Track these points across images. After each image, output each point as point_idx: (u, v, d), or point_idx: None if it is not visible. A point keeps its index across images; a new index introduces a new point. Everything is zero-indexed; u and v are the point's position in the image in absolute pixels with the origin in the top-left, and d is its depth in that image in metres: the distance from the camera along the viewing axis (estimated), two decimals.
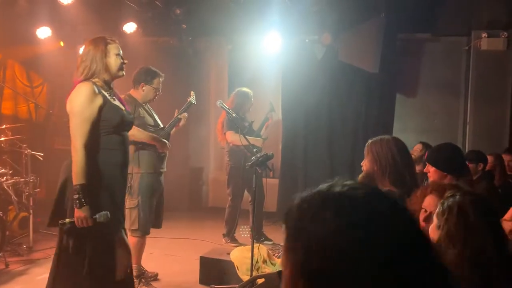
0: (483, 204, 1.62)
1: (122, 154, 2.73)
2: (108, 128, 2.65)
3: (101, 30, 6.14)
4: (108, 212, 2.58)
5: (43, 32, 5.89)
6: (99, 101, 2.61)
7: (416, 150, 4.71)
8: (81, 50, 6.64)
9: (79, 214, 2.49)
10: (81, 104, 2.58)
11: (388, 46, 5.75)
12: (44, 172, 5.46)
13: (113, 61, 2.71)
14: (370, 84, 5.97)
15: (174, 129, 4.13)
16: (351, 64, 5.81)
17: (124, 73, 2.82)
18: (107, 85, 2.74)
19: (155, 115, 4.09)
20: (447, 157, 2.76)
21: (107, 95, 2.67)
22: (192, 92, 4.33)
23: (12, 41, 5.93)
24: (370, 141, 2.67)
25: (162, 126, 4.06)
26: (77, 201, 2.48)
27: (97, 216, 2.53)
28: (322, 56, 6.19)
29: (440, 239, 1.61)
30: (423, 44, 6.42)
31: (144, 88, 3.92)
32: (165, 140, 3.89)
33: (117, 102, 2.77)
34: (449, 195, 1.66)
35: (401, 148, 2.62)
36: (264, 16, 5.87)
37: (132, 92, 3.95)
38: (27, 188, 4.79)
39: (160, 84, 4.00)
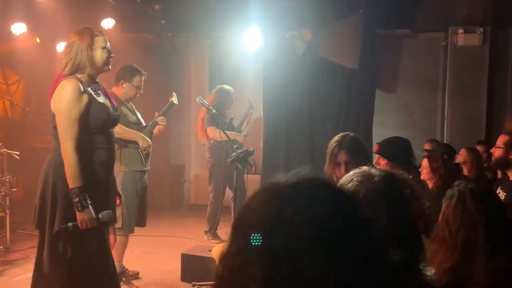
0: (481, 193, 1.82)
1: (109, 152, 2.67)
2: (94, 127, 2.56)
3: (78, 25, 6.02)
4: (111, 211, 2.54)
5: (18, 28, 5.75)
6: (85, 99, 2.51)
7: None
8: (58, 46, 6.56)
9: (83, 216, 2.42)
10: (67, 103, 2.47)
11: (367, 42, 5.80)
12: (21, 171, 5.34)
13: (99, 55, 2.59)
14: (350, 79, 6.02)
15: (156, 129, 4.07)
16: (331, 60, 5.85)
17: (110, 67, 2.71)
18: (92, 80, 2.63)
19: (137, 113, 4.04)
20: (398, 149, 2.82)
21: (92, 92, 2.57)
22: (174, 93, 4.28)
23: None
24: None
25: (144, 124, 4.02)
26: (78, 204, 2.41)
27: (100, 216, 2.48)
28: (302, 52, 6.21)
29: (439, 226, 1.78)
30: (402, 40, 6.51)
31: (124, 85, 3.86)
32: (147, 138, 3.84)
33: (101, 98, 2.67)
34: (455, 185, 1.87)
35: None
36: (244, 12, 5.84)
37: (114, 89, 3.88)
38: (3, 187, 4.69)
39: (142, 82, 3.93)
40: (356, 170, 1.24)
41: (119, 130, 3.67)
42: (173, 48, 6.75)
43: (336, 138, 2.65)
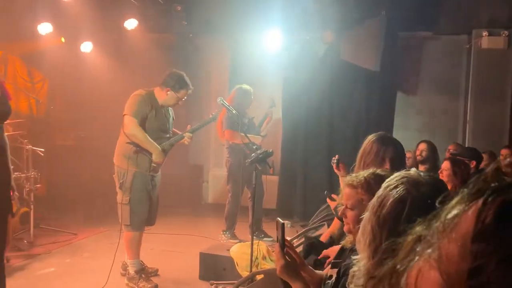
0: None
1: None
2: None
3: (102, 26, 6.16)
4: None
5: (44, 28, 5.88)
6: None
7: (422, 149, 4.70)
8: (82, 46, 6.69)
9: None
10: None
11: (389, 45, 5.76)
12: (44, 167, 5.47)
13: None
14: (371, 82, 5.98)
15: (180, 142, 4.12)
16: (352, 62, 5.82)
17: None
18: None
19: (170, 121, 4.06)
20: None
21: None
22: (213, 113, 4.34)
23: (14, 37, 5.93)
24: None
25: (170, 135, 4.04)
26: None
27: None
28: (323, 54, 6.19)
29: None
30: (424, 42, 6.44)
31: (168, 93, 3.88)
32: (162, 153, 3.86)
33: None
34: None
35: None
36: (265, 13, 5.87)
37: (157, 91, 3.91)
38: (28, 183, 4.80)
39: (186, 96, 3.96)
40: (403, 174, 1.21)
41: (140, 137, 3.74)
42: (195, 49, 6.82)
43: (373, 137, 2.60)
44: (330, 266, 1.90)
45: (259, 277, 3.03)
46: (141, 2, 5.90)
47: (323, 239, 2.90)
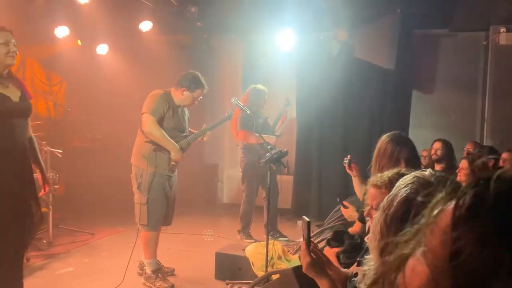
0: None
1: (9, 139, 2.74)
2: None
3: (118, 28, 6.23)
4: None
5: (61, 31, 5.98)
6: None
7: (437, 148, 4.65)
8: (98, 48, 6.77)
9: None
10: None
11: (404, 42, 5.70)
12: (63, 168, 5.56)
13: None
14: (386, 80, 5.93)
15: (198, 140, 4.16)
16: (366, 60, 5.78)
17: (14, 61, 2.78)
18: None
19: (186, 120, 4.11)
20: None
21: None
22: (229, 111, 4.37)
23: (31, 41, 6.04)
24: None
25: (187, 134, 4.09)
26: None
27: None
28: (337, 52, 6.16)
29: None
30: (439, 39, 6.35)
31: (184, 93, 3.93)
32: (180, 151, 3.90)
33: (7, 90, 2.77)
34: None
35: None
36: (278, 13, 5.87)
37: (173, 91, 3.96)
38: (49, 182, 4.87)
39: (201, 96, 4.00)
40: (415, 174, 1.21)
41: (158, 135, 3.78)
42: (208, 49, 6.85)
43: (386, 138, 2.57)
44: (356, 264, 1.91)
45: (274, 277, 3.03)
46: (155, 4, 5.96)
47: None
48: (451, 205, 0.57)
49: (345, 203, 3.25)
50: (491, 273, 0.49)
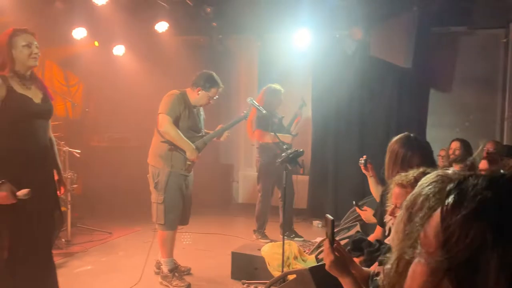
0: None
1: (31, 140, 2.79)
2: (14, 116, 2.72)
3: (134, 29, 6.29)
4: (30, 190, 2.66)
5: (79, 33, 6.06)
6: (1, 92, 2.68)
7: (455, 148, 4.58)
8: (115, 49, 6.84)
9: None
10: None
11: (421, 40, 5.63)
12: (81, 168, 5.64)
13: (19, 53, 2.75)
14: (403, 79, 5.87)
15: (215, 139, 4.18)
16: (383, 59, 5.73)
17: (36, 63, 2.82)
18: (19, 76, 2.79)
19: (202, 120, 4.13)
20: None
21: (14, 85, 2.73)
22: (245, 111, 4.38)
23: (50, 42, 6.12)
24: None
25: (203, 133, 4.11)
26: None
27: (18, 193, 2.64)
28: (353, 51, 6.12)
29: None
30: (458, 37, 6.25)
31: (199, 92, 3.95)
32: (196, 151, 3.93)
33: (30, 91, 2.81)
34: None
35: None
36: (293, 13, 5.85)
37: (188, 91, 3.99)
38: (66, 183, 4.95)
39: (217, 95, 4.02)
40: (439, 172, 1.19)
41: (174, 134, 3.80)
42: (224, 50, 6.87)
43: (395, 143, 2.52)
44: (377, 263, 1.90)
45: (291, 277, 3.03)
46: (171, 5, 5.99)
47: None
48: (439, 206, 0.67)
49: (364, 208, 3.22)
50: (477, 250, 0.60)
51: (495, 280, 0.59)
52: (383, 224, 2.55)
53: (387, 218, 1.83)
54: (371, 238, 2.75)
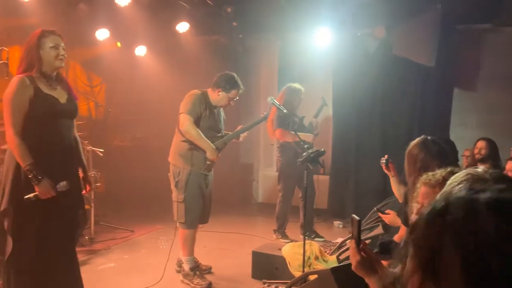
0: None
1: (57, 139, 2.84)
2: (40, 116, 2.77)
3: (156, 30, 6.36)
4: (67, 182, 2.76)
5: (102, 34, 6.15)
6: (29, 92, 2.73)
7: (481, 147, 4.48)
8: (137, 49, 6.92)
9: (41, 188, 2.68)
10: (11, 95, 2.73)
11: (445, 38, 5.53)
12: (104, 167, 5.72)
13: (47, 54, 2.81)
14: (426, 78, 5.77)
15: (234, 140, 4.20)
16: (405, 57, 5.64)
17: (63, 64, 2.88)
18: (46, 76, 2.84)
19: (222, 121, 4.16)
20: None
21: (41, 86, 2.79)
22: (264, 112, 4.39)
23: (74, 44, 6.23)
24: None
25: (223, 133, 4.13)
26: (34, 178, 2.67)
27: (57, 186, 2.74)
28: (374, 50, 6.05)
29: None
30: (482, 35, 6.11)
31: (220, 94, 3.98)
32: (216, 151, 3.95)
33: (56, 92, 2.86)
34: None
35: None
36: (314, 12, 5.82)
37: (209, 92, 4.03)
38: (91, 181, 5.03)
39: (237, 96, 4.05)
40: (469, 171, 1.17)
41: (194, 134, 3.83)
42: (244, 50, 6.88)
43: (418, 144, 2.48)
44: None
45: (312, 277, 3.01)
46: (192, 5, 6.03)
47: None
48: None
49: (387, 211, 3.17)
50: (437, 244, 0.70)
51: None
52: (407, 224, 2.51)
53: (413, 218, 1.80)
54: (396, 238, 2.71)
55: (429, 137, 2.55)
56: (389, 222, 3.10)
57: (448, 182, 1.17)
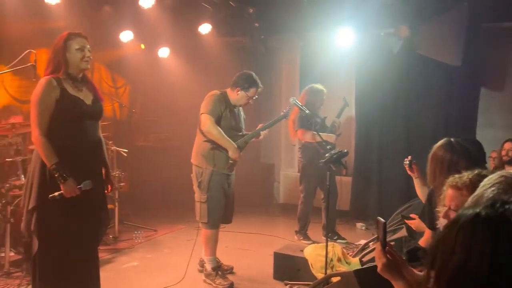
0: None
1: (82, 140, 2.88)
2: (66, 117, 2.82)
3: (178, 31, 6.42)
4: (91, 181, 2.81)
5: (126, 36, 6.24)
6: (55, 94, 2.78)
7: (509, 149, 4.36)
8: (160, 51, 6.99)
9: (66, 187, 2.73)
10: (38, 96, 2.78)
11: (471, 37, 5.41)
12: (127, 167, 5.81)
13: (73, 56, 2.86)
14: (451, 77, 5.66)
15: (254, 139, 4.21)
16: (430, 57, 5.54)
17: (88, 66, 2.93)
18: (72, 78, 2.89)
19: (242, 120, 4.18)
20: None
21: (67, 87, 2.84)
22: (288, 107, 4.38)
23: (99, 46, 6.34)
24: None
25: (243, 133, 4.14)
26: (60, 177, 2.72)
27: (82, 185, 2.79)
28: (398, 49, 5.96)
29: None
30: (510, 33, 5.95)
31: (239, 93, 4.00)
32: (237, 149, 3.96)
33: (81, 93, 2.91)
34: None
35: None
36: (337, 11, 5.77)
37: (229, 91, 4.06)
38: (113, 182, 5.11)
39: (256, 94, 4.06)
40: (502, 173, 1.15)
41: (216, 133, 3.85)
42: (266, 50, 6.88)
43: (443, 146, 2.42)
44: None
45: (334, 279, 2.99)
46: (214, 7, 6.07)
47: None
48: None
49: (412, 215, 3.11)
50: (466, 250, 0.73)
51: None
52: (433, 227, 2.46)
53: (441, 221, 1.77)
54: (422, 242, 2.66)
55: (452, 139, 2.50)
56: (416, 227, 3.02)
57: (481, 184, 1.14)
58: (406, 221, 3.12)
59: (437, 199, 2.16)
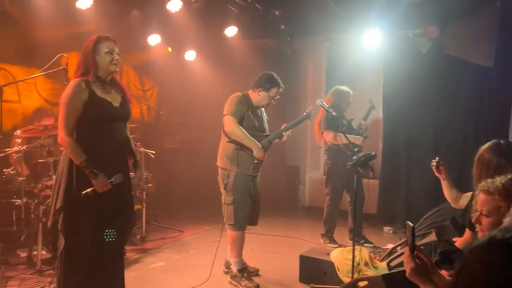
0: None
1: (110, 141, 2.92)
2: (94, 118, 2.86)
3: (205, 35, 6.48)
4: (121, 174, 2.86)
5: (154, 39, 6.35)
6: (84, 96, 2.83)
7: None
8: (187, 54, 7.07)
9: (97, 182, 2.78)
10: (66, 98, 2.83)
11: (504, 37, 5.24)
12: (155, 168, 5.90)
13: (102, 59, 2.91)
14: (483, 79, 5.50)
15: (277, 140, 4.20)
16: (460, 57, 5.41)
17: (117, 69, 2.97)
18: (101, 80, 2.94)
19: (265, 121, 4.18)
20: None
21: (96, 90, 2.88)
22: (311, 108, 4.36)
23: (128, 49, 6.48)
24: None
25: (267, 132, 4.15)
26: (91, 173, 2.78)
27: (113, 179, 2.84)
28: (427, 50, 5.85)
29: None
30: None
31: (260, 93, 4.02)
32: (262, 149, 3.96)
33: (110, 95, 2.95)
34: None
35: None
36: (364, 13, 5.71)
37: (250, 93, 4.09)
38: (141, 183, 5.21)
39: (278, 94, 4.06)
40: None
41: (239, 134, 3.87)
42: (292, 52, 6.87)
43: (491, 148, 2.34)
44: None
45: (362, 283, 2.95)
46: (240, 9, 6.10)
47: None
48: None
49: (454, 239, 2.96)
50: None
51: None
52: (472, 227, 2.37)
53: (474, 238, 1.73)
54: (459, 242, 2.58)
55: (502, 141, 2.42)
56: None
57: None
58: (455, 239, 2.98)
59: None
